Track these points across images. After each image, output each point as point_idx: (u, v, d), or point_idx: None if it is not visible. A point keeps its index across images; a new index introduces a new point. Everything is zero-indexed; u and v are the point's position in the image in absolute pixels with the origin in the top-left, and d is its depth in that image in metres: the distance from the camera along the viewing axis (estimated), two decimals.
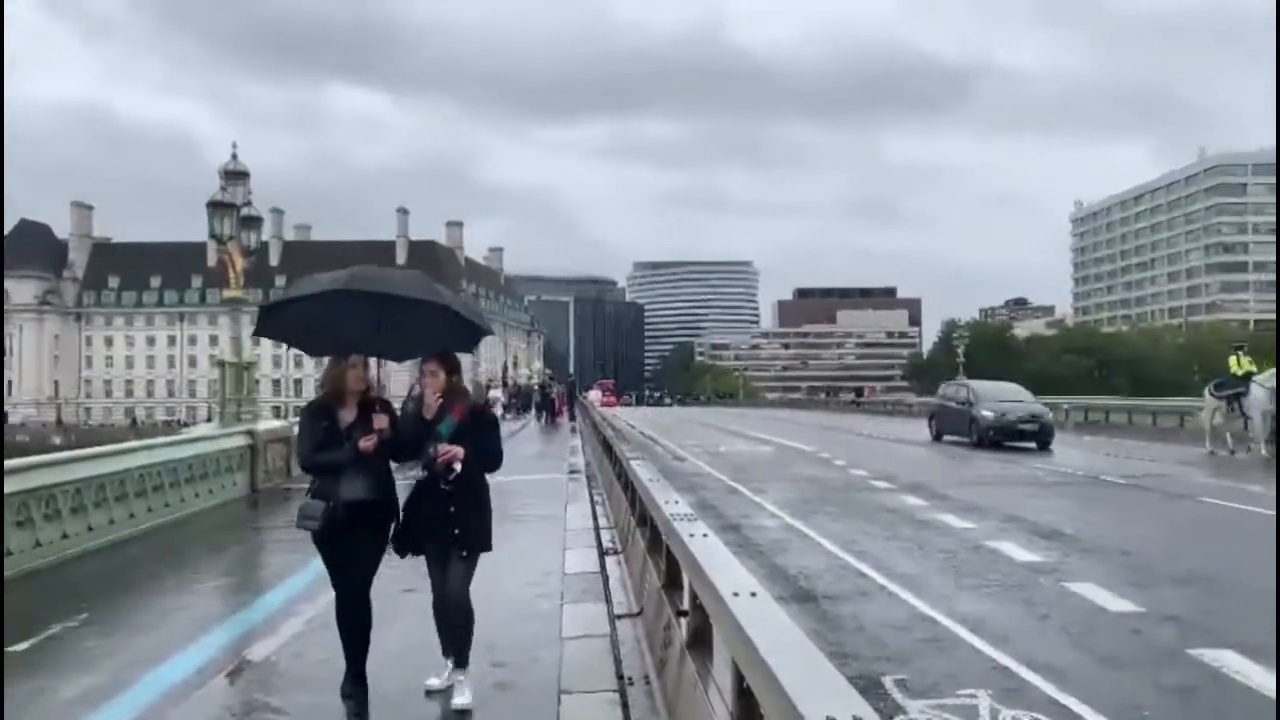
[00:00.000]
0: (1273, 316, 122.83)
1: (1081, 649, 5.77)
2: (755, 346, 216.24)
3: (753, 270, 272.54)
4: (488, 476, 4.70)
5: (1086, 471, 16.99)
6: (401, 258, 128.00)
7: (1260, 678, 5.06)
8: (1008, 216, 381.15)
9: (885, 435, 28.78)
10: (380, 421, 4.46)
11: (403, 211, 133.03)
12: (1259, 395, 19.80)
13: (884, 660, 5.50)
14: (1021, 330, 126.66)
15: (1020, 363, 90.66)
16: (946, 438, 24.45)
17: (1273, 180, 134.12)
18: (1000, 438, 22.15)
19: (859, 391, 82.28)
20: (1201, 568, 8.23)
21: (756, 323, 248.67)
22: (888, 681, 5.05)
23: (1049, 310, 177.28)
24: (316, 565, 4.76)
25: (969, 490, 14.00)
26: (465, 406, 4.63)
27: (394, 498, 4.63)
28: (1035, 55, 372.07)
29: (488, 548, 4.70)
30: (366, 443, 4.39)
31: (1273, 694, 4.82)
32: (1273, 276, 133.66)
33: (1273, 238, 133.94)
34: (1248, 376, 20.36)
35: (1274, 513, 11.62)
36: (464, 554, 4.60)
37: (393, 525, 4.63)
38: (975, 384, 26.03)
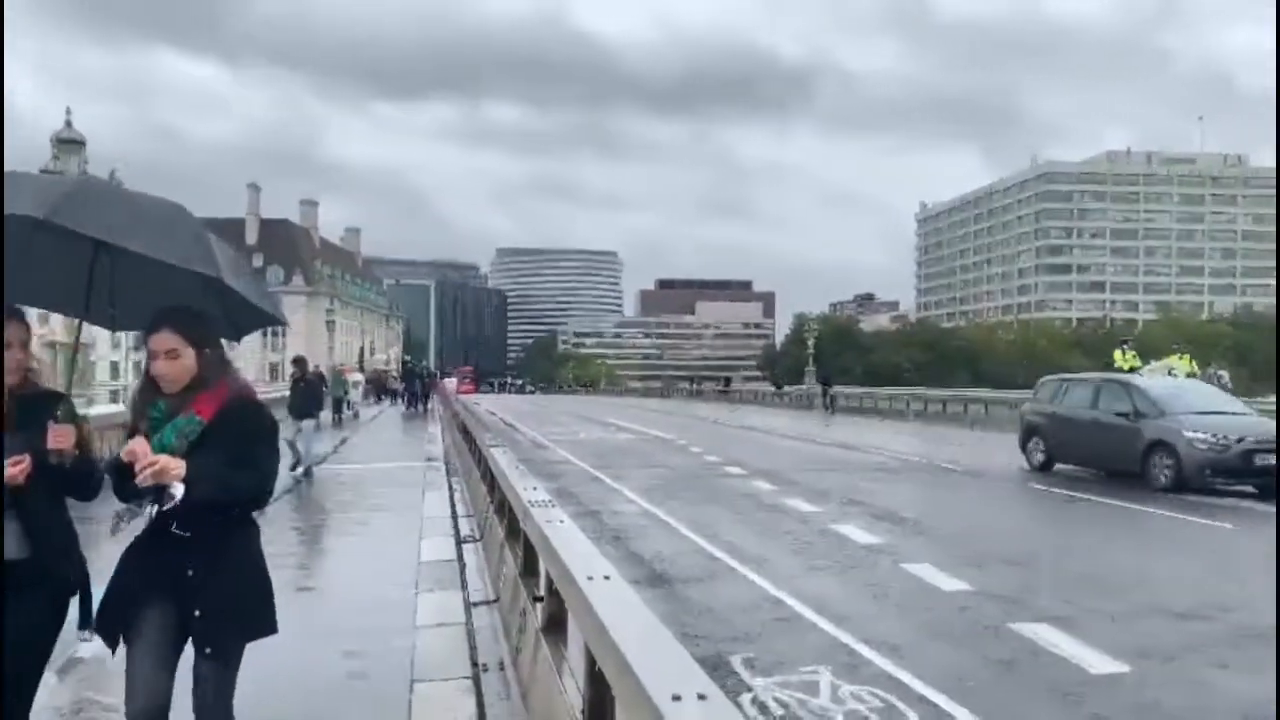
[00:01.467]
0: (1094, 314, 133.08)
1: (916, 626, 6.13)
2: (618, 335, 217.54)
3: (617, 260, 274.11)
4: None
5: (924, 457, 17.96)
6: (252, 237, 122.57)
7: (1071, 648, 5.50)
8: (859, 214, 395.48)
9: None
10: (60, 437, 2.68)
11: (254, 188, 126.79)
12: None
13: (732, 640, 5.69)
14: (868, 325, 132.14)
15: (866, 355, 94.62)
16: (1062, 467, 15.15)
17: (1097, 188, 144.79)
18: (1218, 478, 12.69)
19: (727, 381, 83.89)
20: (1027, 549, 8.86)
21: (620, 312, 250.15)
22: (735, 660, 5.24)
23: (894, 306, 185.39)
24: None
25: (814, 475, 14.57)
26: (221, 399, 2.84)
27: (69, 551, 2.87)
28: (875, 59, 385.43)
29: (266, 629, 2.91)
30: (14, 468, 2.62)
31: (1082, 663, 5.25)
32: (1094, 278, 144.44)
33: (1097, 242, 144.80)
34: (1133, 372, 18.93)
35: (1092, 498, 12.61)
36: (209, 651, 2.78)
37: (72, 597, 2.87)
38: (1146, 384, 15.19)
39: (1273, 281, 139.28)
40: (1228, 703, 4.70)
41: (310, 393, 14.51)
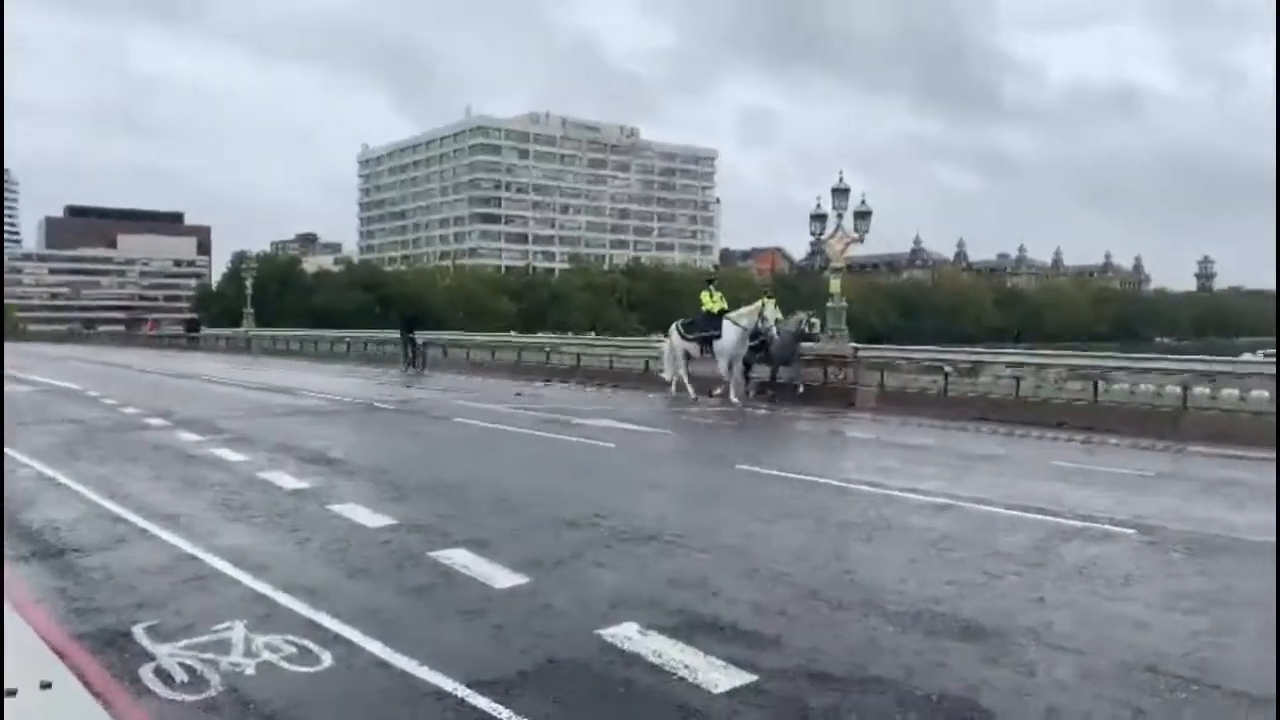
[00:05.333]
0: (520, 263, 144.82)
1: (337, 566, 6.21)
2: (17, 270, 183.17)
3: (11, 180, 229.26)
4: None
5: (358, 398, 18.16)
6: None
7: (480, 568, 6.00)
8: (299, 150, 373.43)
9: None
10: None
11: None
12: (731, 336, 18.35)
13: (137, 608, 5.23)
14: (310, 265, 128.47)
15: (308, 297, 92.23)
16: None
17: (521, 145, 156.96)
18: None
19: (193, 325, 73.17)
20: (448, 479, 9.41)
21: (19, 243, 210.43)
22: (138, 630, 4.84)
23: (337, 247, 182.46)
24: None
25: (245, 423, 13.92)
26: None
27: None
28: None
29: None
30: None
31: (489, 580, 5.77)
32: (519, 229, 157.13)
33: (521, 196, 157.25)
34: (721, 314, 18.80)
35: (502, 427, 13.81)
36: None
37: None
38: None
39: (653, 239, 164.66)
40: (604, 594, 5.52)
41: None
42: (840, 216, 21.09)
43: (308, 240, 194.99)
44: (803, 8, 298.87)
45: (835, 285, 21.28)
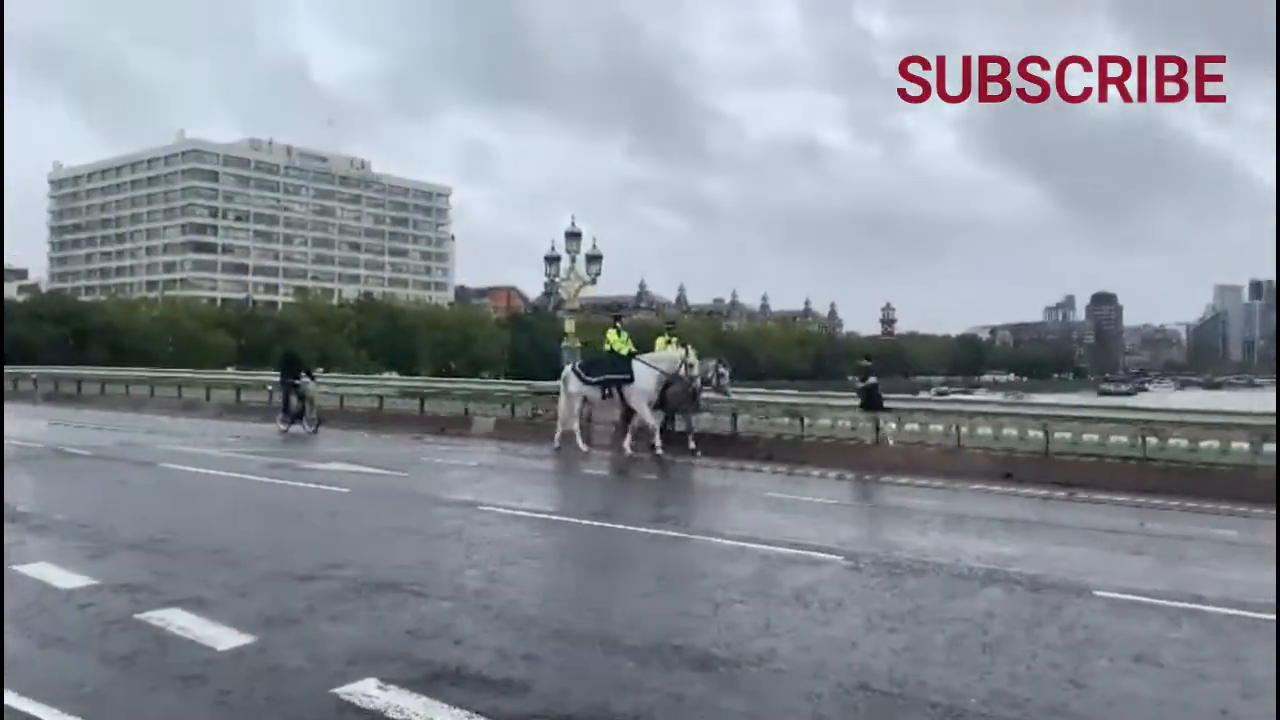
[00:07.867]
0: (239, 295, 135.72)
1: (26, 636, 5.48)
2: None
3: None
4: None
5: (48, 443, 16.25)
6: None
7: (200, 629, 5.51)
8: None
9: None
10: None
11: None
12: (649, 381, 16.60)
13: None
14: None
15: None
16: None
17: (241, 172, 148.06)
18: None
19: None
20: (159, 532, 8.59)
21: None
22: None
23: (22, 274, 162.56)
24: None
25: None
26: None
27: None
28: None
29: None
30: None
31: (211, 642, 5.33)
32: (239, 259, 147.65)
33: (241, 225, 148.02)
34: (631, 356, 17.11)
35: (219, 473, 12.86)
36: None
37: None
38: None
39: (386, 274, 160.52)
40: (340, 650, 5.22)
41: None
42: (573, 259, 21.65)
43: None
44: (507, 46, 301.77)
45: (570, 326, 21.77)
